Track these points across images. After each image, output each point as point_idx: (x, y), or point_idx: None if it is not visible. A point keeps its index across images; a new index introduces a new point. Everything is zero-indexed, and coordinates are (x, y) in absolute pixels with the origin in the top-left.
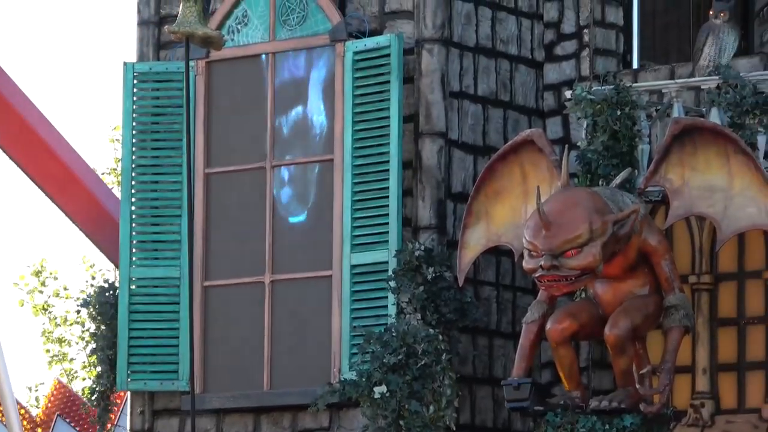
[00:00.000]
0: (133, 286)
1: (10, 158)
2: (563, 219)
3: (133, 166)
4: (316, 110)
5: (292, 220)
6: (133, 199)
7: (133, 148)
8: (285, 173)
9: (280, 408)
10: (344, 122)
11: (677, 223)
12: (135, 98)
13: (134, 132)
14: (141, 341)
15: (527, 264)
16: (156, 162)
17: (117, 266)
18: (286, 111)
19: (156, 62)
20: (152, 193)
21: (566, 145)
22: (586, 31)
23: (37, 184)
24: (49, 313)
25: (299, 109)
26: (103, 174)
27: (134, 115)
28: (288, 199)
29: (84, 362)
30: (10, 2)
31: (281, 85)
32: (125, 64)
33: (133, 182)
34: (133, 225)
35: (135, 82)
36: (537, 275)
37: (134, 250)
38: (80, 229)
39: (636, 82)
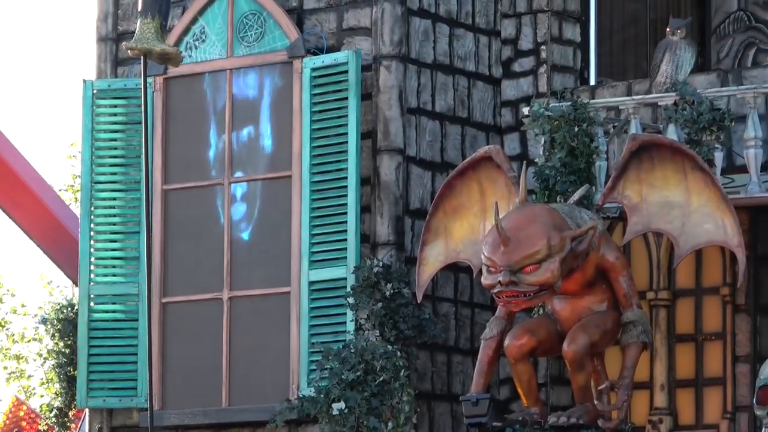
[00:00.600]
0: (92, 303)
1: None
2: (521, 235)
3: (93, 182)
4: (274, 126)
5: (250, 236)
6: (93, 216)
7: (93, 165)
8: (243, 189)
9: (239, 424)
10: (302, 138)
11: (635, 239)
12: (94, 115)
13: (93, 149)
14: (100, 358)
15: (485, 280)
16: (114, 179)
17: (75, 282)
18: (243, 127)
19: (115, 79)
20: (111, 210)
21: (524, 162)
22: (543, 47)
23: None
24: (7, 329)
25: (257, 125)
26: (60, 190)
27: (93, 132)
28: (246, 215)
29: (42, 379)
30: None
31: (239, 101)
32: (84, 81)
33: (93, 199)
34: (92, 242)
35: (94, 99)
36: (495, 291)
37: (93, 267)
38: (37, 245)
39: (593, 98)
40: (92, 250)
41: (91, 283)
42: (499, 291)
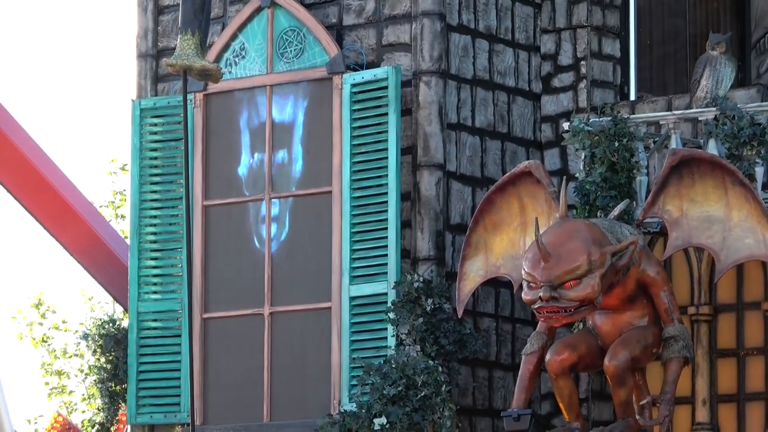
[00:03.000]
0: (138, 320)
1: (9, 192)
2: (562, 250)
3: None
4: (314, 142)
5: (290, 251)
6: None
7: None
8: (283, 205)
9: None
10: (342, 154)
11: (676, 254)
12: (142, 132)
13: (140, 167)
14: (147, 375)
15: (526, 295)
16: (156, 196)
17: (115, 299)
18: (284, 143)
19: (159, 97)
20: (153, 228)
21: (564, 177)
22: (583, 63)
23: (35, 218)
24: (48, 345)
25: (297, 141)
26: (100, 207)
27: (141, 150)
28: (286, 230)
29: (83, 394)
30: None
31: (279, 117)
32: (133, 101)
33: (140, 216)
34: (139, 260)
35: (141, 118)
36: (536, 306)
37: (139, 284)
38: (78, 262)
39: (633, 113)
40: (138, 267)
41: (140, 300)
42: (540, 306)
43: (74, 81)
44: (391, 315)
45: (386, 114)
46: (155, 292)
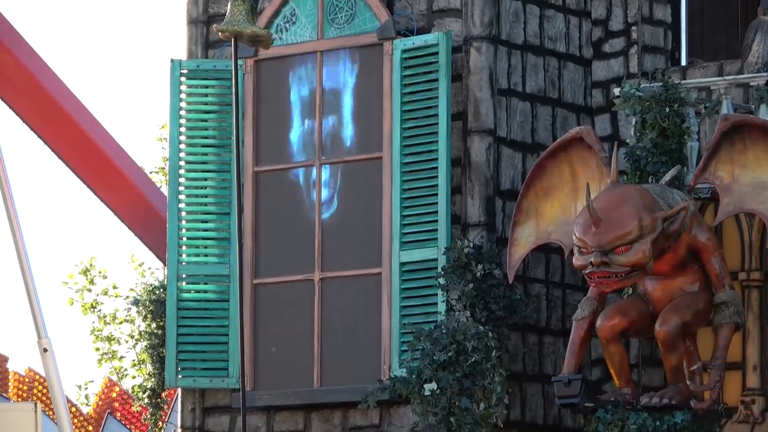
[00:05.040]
0: (183, 284)
1: (60, 158)
2: (613, 216)
3: (182, 163)
4: (364, 108)
5: (341, 217)
6: (183, 197)
7: (182, 146)
8: (334, 171)
9: (331, 405)
10: (393, 120)
11: (727, 220)
12: (183, 95)
13: (183, 129)
14: (190, 338)
15: (577, 260)
16: (205, 159)
17: (164, 264)
18: (334, 109)
19: (204, 60)
20: (201, 191)
21: (615, 142)
22: (634, 28)
23: (85, 183)
24: (98, 311)
25: (348, 106)
26: (151, 173)
27: (182, 112)
28: (337, 196)
29: (134, 360)
30: (58, 3)
31: (329, 83)
32: (172, 61)
33: (183, 179)
34: (183, 222)
35: (183, 79)
36: (587, 272)
37: (183, 248)
38: (128, 227)
39: (684, 79)
40: (182, 230)
41: (181, 264)
42: (591, 272)
43: (127, 46)
44: (441, 281)
45: (437, 80)
46: (204, 255)
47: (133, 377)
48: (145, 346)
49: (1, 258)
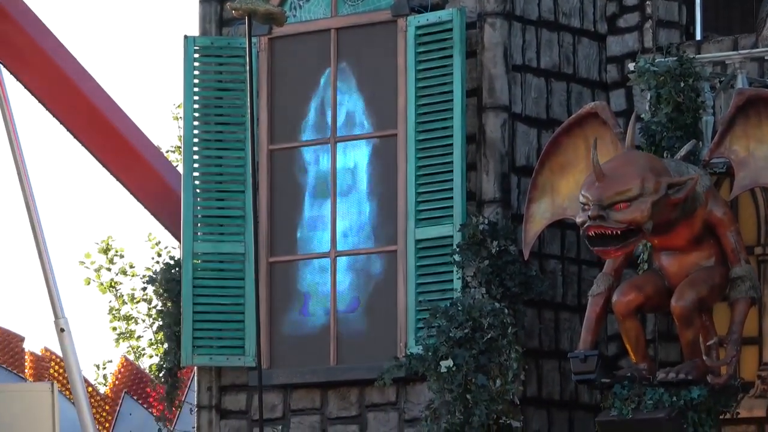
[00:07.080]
0: (198, 261)
1: (76, 138)
2: (617, 173)
3: (197, 140)
4: (379, 85)
5: (356, 194)
6: (197, 174)
7: (196, 122)
8: (349, 148)
9: (347, 383)
10: (407, 97)
11: (742, 194)
12: (196, 72)
13: (197, 106)
14: (206, 316)
15: (578, 218)
16: (219, 137)
17: (180, 243)
18: (348, 86)
19: (218, 37)
20: (216, 168)
21: (635, 112)
22: (648, 2)
23: (101, 163)
24: (116, 290)
25: (362, 84)
26: (167, 152)
27: (196, 89)
28: (352, 174)
29: (151, 339)
30: None
31: (344, 60)
32: (186, 37)
33: (197, 156)
34: (198, 200)
35: (196, 56)
36: (584, 226)
37: (199, 225)
38: (144, 206)
39: (699, 53)
40: (198, 208)
41: (197, 242)
42: (588, 225)
43: (143, 25)
44: (457, 257)
45: (451, 56)
46: (219, 233)
47: (150, 356)
48: (162, 326)
49: (18, 238)
